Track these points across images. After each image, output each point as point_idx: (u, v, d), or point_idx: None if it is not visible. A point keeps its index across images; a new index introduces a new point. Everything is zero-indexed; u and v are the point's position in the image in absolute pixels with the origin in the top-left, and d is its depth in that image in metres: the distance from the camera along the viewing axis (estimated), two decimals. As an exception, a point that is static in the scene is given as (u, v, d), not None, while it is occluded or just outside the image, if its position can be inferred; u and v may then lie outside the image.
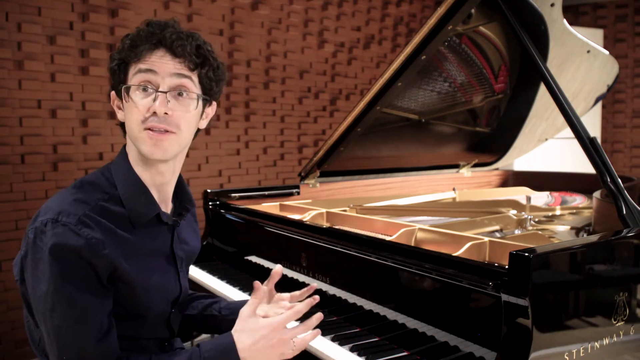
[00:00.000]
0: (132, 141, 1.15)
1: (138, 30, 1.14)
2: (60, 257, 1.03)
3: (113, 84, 1.18)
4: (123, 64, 1.14)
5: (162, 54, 1.12)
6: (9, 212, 2.71)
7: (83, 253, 1.04)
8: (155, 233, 1.21)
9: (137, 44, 1.12)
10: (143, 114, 1.10)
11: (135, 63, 1.12)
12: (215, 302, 1.45)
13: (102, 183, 1.15)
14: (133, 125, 1.12)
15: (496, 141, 3.06)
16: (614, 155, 5.11)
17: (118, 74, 1.15)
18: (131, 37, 1.13)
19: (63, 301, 1.04)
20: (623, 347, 1.24)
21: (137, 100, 1.11)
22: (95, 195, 1.12)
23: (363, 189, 2.83)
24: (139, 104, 1.10)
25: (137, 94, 1.11)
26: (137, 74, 1.12)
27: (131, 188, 1.16)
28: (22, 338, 2.75)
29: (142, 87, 1.11)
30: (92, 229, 1.06)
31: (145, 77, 1.11)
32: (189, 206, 1.31)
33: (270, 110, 3.88)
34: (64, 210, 1.06)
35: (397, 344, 1.36)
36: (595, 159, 1.55)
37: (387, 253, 1.43)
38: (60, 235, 1.03)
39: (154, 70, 1.11)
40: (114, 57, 1.16)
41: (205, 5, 3.42)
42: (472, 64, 2.34)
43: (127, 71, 1.14)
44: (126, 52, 1.12)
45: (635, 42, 4.98)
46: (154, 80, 1.11)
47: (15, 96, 2.71)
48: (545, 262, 1.11)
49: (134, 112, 1.11)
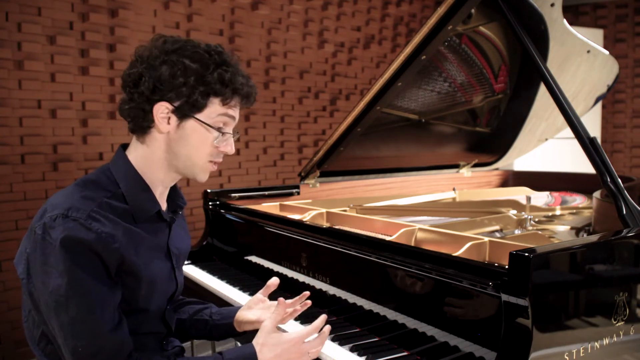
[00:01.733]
0: (187, 167, 1.22)
1: (234, 71, 1.20)
2: (72, 249, 1.06)
3: (181, 104, 1.16)
4: (206, 93, 1.17)
5: (239, 102, 1.23)
6: (9, 212, 2.71)
7: (94, 246, 1.08)
8: (155, 229, 1.25)
9: (236, 90, 1.20)
10: (217, 153, 1.22)
11: (222, 103, 1.19)
12: (205, 308, 1.51)
13: (104, 182, 1.19)
14: (201, 156, 1.21)
15: (496, 141, 3.06)
16: (614, 155, 5.10)
17: (196, 98, 1.16)
18: (229, 78, 1.18)
19: (77, 291, 1.07)
20: (623, 347, 1.24)
21: (228, 139, 1.23)
22: (99, 193, 1.15)
23: (363, 189, 2.83)
24: (220, 146, 1.21)
25: (228, 137, 1.23)
26: (221, 115, 1.20)
27: (134, 186, 1.20)
28: (22, 338, 2.75)
29: (235, 132, 1.25)
30: (101, 223, 1.10)
31: (229, 122, 1.22)
32: (182, 203, 1.36)
33: (270, 110, 3.88)
34: (73, 206, 1.09)
35: (397, 344, 1.36)
36: (595, 159, 1.55)
37: (387, 253, 1.43)
38: (72, 229, 1.06)
39: (235, 118, 1.24)
40: (200, 80, 1.15)
41: (205, 5, 3.42)
42: (472, 64, 2.34)
43: (207, 103, 1.18)
44: (218, 86, 1.17)
45: (635, 42, 4.98)
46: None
47: (15, 96, 2.71)
48: (545, 262, 1.11)
49: (209, 149, 1.21)
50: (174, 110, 1.16)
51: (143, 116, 1.17)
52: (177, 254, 1.33)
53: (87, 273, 1.07)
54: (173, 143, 1.19)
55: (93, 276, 1.08)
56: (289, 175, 4.01)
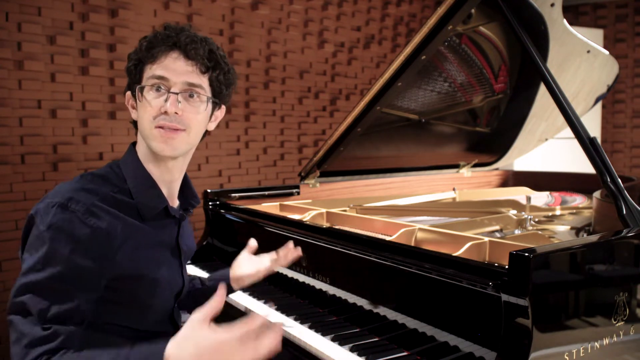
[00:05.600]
0: (144, 138, 1.20)
1: (155, 32, 1.19)
2: (57, 237, 1.03)
3: (128, 84, 1.23)
4: (139, 65, 1.19)
5: (176, 56, 1.17)
6: (9, 212, 2.70)
7: (85, 241, 1.05)
8: (162, 225, 1.25)
9: (154, 46, 1.17)
10: (155, 113, 1.16)
11: (150, 64, 1.17)
12: (193, 279, 1.55)
13: (112, 177, 1.19)
14: (145, 123, 1.17)
15: (496, 141, 3.06)
16: (614, 155, 5.11)
17: (134, 74, 1.20)
18: (148, 39, 1.19)
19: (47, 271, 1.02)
20: (623, 347, 1.24)
21: (150, 100, 1.16)
22: (105, 187, 1.16)
23: (363, 189, 2.83)
24: (152, 103, 1.16)
25: (150, 93, 1.17)
26: (151, 75, 1.17)
27: (140, 182, 1.20)
28: (22, 338, 2.75)
29: (156, 88, 1.16)
30: (99, 218, 1.08)
31: (158, 78, 1.16)
32: (194, 202, 1.37)
33: (270, 110, 3.88)
34: (74, 198, 1.08)
35: (397, 344, 1.36)
36: (595, 159, 1.55)
37: (387, 253, 1.43)
38: (66, 220, 1.04)
39: (167, 71, 1.16)
40: (130, 57, 1.21)
41: (205, 5, 3.42)
42: (472, 64, 2.34)
43: (143, 72, 1.19)
44: (142, 53, 1.18)
45: (635, 42, 4.98)
46: (167, 82, 1.16)
47: (15, 96, 2.71)
48: (545, 262, 1.11)
49: (147, 111, 1.17)
50: (131, 94, 1.22)
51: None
52: (186, 251, 1.34)
53: (64, 262, 1.02)
54: None
55: (69, 267, 1.03)
56: (289, 175, 4.01)
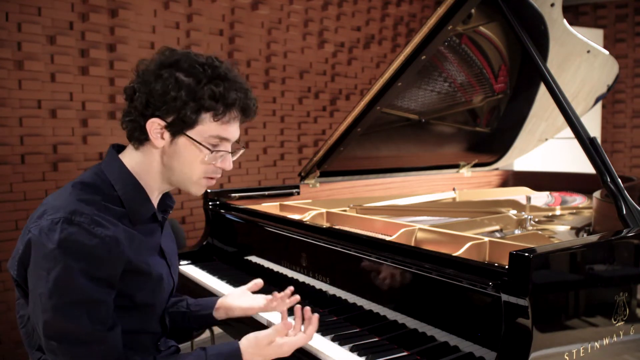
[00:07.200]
0: (181, 181, 1.22)
1: (229, 87, 1.16)
2: (69, 252, 1.04)
3: (173, 120, 1.15)
4: (200, 110, 1.15)
5: (236, 117, 1.20)
6: (9, 212, 2.71)
7: (97, 252, 1.06)
8: (150, 230, 1.26)
9: (230, 107, 1.17)
10: (213, 170, 1.22)
11: (214, 120, 1.16)
12: (181, 300, 1.52)
13: (100, 185, 1.17)
14: (194, 172, 1.20)
15: (496, 141, 3.06)
16: (614, 155, 5.10)
17: (187, 113, 1.14)
18: (220, 93, 1.14)
19: (66, 291, 1.04)
20: (623, 347, 1.24)
21: (211, 158, 1.19)
22: (97, 196, 1.15)
23: (363, 189, 2.83)
24: (215, 163, 1.21)
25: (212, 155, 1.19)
26: (215, 135, 1.17)
27: (130, 189, 1.20)
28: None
29: (233, 151, 1.23)
30: (105, 227, 1.09)
31: (222, 139, 1.19)
32: (171, 203, 1.37)
33: (270, 110, 3.88)
34: (77, 210, 1.07)
35: (397, 344, 1.36)
36: (595, 159, 1.55)
37: (387, 253, 1.43)
38: (74, 234, 1.05)
39: (230, 135, 1.20)
40: (191, 96, 1.13)
41: (205, 5, 3.42)
42: (472, 64, 2.34)
43: (199, 120, 1.15)
44: (208, 102, 1.14)
45: (635, 42, 4.98)
46: (227, 142, 1.22)
47: (15, 96, 2.71)
48: (545, 262, 1.11)
49: (203, 166, 1.20)
50: (167, 126, 1.15)
51: (139, 129, 1.18)
52: (169, 252, 1.35)
53: (81, 275, 1.05)
54: (167, 157, 1.19)
55: (87, 278, 1.05)
56: (289, 175, 4.01)
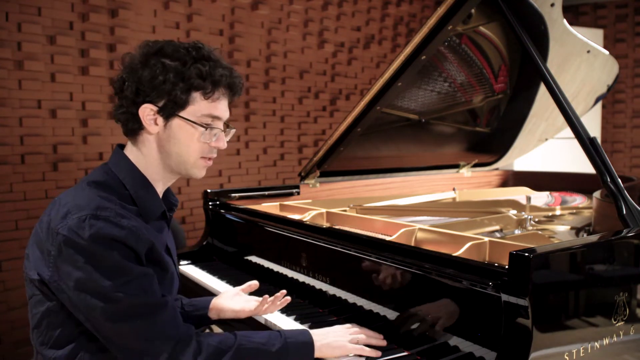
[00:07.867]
0: (180, 164, 1.24)
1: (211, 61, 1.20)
2: (104, 245, 1.09)
3: (164, 104, 1.19)
4: (189, 90, 1.19)
5: (225, 96, 1.24)
6: (9, 212, 2.71)
7: (127, 241, 1.11)
8: (159, 227, 1.29)
9: (216, 82, 1.20)
10: (208, 148, 1.24)
11: (204, 98, 1.20)
12: (175, 300, 1.52)
13: (112, 184, 1.21)
14: (192, 153, 1.23)
15: (496, 141, 3.06)
16: (614, 155, 5.11)
17: (177, 94, 1.18)
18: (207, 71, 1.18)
19: (121, 279, 1.09)
20: (623, 347, 1.24)
21: (206, 137, 1.22)
22: (112, 194, 1.18)
23: (363, 189, 2.83)
24: (207, 140, 1.23)
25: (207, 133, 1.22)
26: (207, 114, 1.21)
27: (140, 187, 1.23)
28: (22, 338, 2.75)
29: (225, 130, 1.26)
30: (129, 219, 1.14)
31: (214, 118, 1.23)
32: (175, 201, 1.40)
33: (270, 110, 3.88)
34: (100, 206, 1.12)
35: (397, 343, 1.36)
36: (595, 159, 1.55)
37: (387, 253, 1.43)
38: (103, 227, 1.09)
39: (221, 112, 1.24)
40: (179, 77, 1.17)
41: (205, 5, 3.42)
42: (472, 64, 2.34)
43: (189, 100, 1.19)
44: (197, 80, 1.18)
45: (635, 42, 4.98)
46: (219, 121, 1.25)
47: (15, 96, 2.71)
48: (545, 262, 1.11)
49: (198, 145, 1.22)
50: (159, 110, 1.19)
51: (132, 119, 1.21)
52: (173, 251, 1.38)
53: (125, 261, 1.10)
54: (164, 142, 1.22)
55: (127, 260, 1.11)
56: (289, 175, 4.01)
